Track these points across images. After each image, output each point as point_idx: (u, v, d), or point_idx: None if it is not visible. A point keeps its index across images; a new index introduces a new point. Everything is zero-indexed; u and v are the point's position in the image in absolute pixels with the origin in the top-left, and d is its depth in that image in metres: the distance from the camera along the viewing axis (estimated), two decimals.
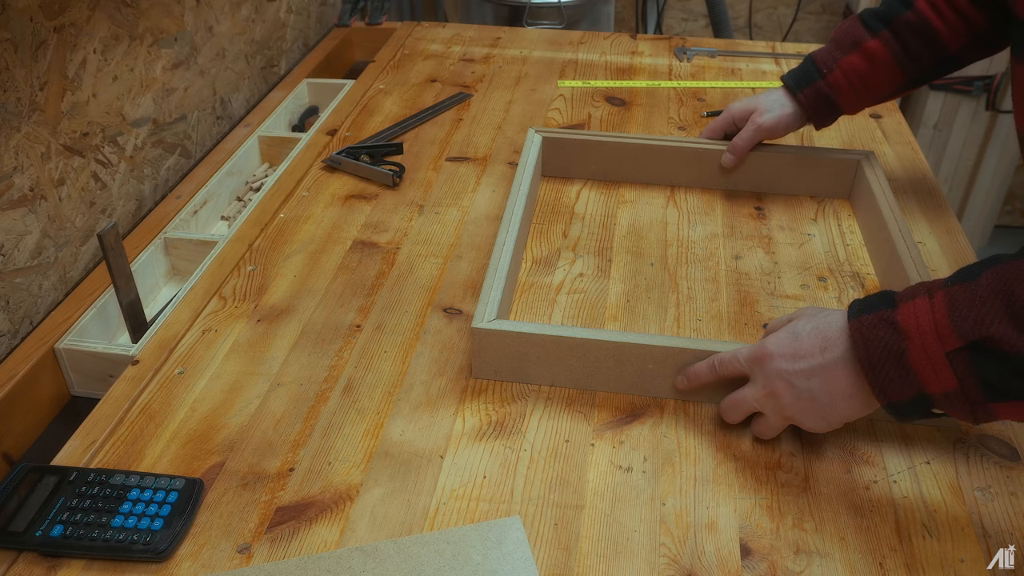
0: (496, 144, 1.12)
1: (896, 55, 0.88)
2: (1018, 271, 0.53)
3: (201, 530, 0.61)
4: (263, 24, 1.31)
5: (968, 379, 0.55)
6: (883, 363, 0.57)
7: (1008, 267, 0.54)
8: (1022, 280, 0.53)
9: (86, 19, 0.89)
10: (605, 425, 0.70)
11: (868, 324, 0.58)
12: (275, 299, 0.84)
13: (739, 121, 0.99)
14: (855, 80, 0.91)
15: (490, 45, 1.44)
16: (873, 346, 0.58)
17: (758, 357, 0.64)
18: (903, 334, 0.56)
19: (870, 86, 0.91)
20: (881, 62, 0.89)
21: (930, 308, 0.56)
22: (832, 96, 0.92)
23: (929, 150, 2.17)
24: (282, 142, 1.16)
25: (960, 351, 0.54)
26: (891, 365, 0.57)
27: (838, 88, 0.92)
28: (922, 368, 0.56)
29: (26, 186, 0.82)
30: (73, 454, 0.67)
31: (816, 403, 0.62)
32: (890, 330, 0.57)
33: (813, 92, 0.93)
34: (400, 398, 0.73)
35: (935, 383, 0.56)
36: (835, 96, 0.92)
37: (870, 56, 0.89)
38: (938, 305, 0.56)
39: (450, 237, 0.93)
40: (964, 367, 0.54)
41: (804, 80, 0.94)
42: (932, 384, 0.56)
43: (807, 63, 0.94)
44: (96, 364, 0.80)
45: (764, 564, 0.59)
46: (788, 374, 0.62)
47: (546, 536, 0.61)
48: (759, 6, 2.41)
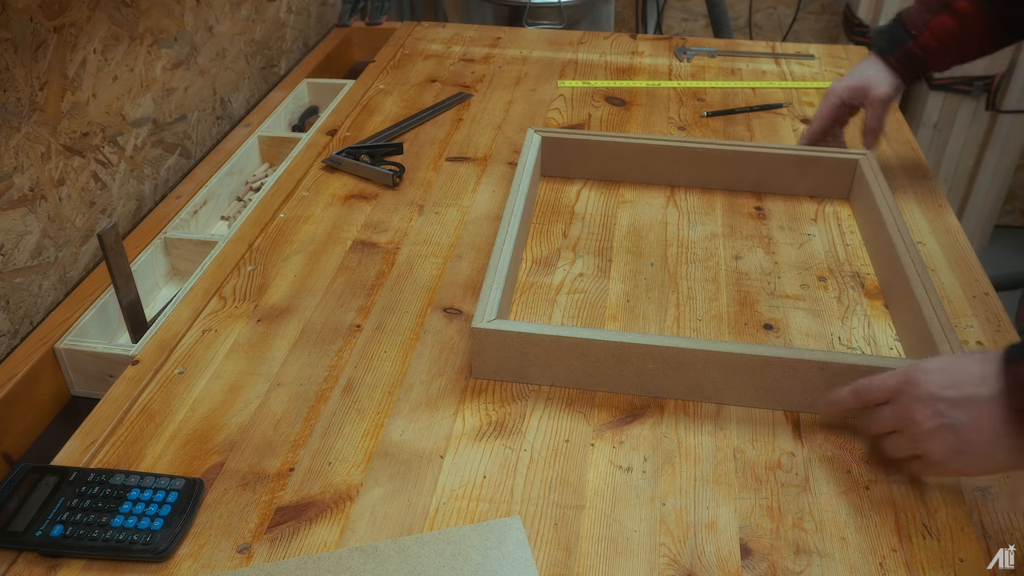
0: (496, 144, 1.12)
1: (987, 15, 0.89)
2: None
3: (201, 530, 0.61)
4: (263, 24, 1.31)
5: None
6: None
7: None
8: None
9: (86, 19, 0.89)
10: (605, 425, 0.70)
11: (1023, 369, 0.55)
12: (275, 299, 0.84)
13: (851, 100, 0.99)
14: (946, 40, 0.92)
15: (490, 45, 1.44)
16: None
17: (908, 378, 0.60)
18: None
19: (961, 45, 0.92)
20: (973, 22, 0.90)
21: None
22: (923, 56, 0.94)
23: (929, 150, 2.17)
24: (282, 142, 1.16)
25: None
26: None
27: (929, 49, 0.93)
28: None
29: (26, 186, 0.82)
30: (73, 454, 0.67)
31: (957, 437, 0.57)
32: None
33: (905, 54, 0.95)
34: (400, 398, 0.73)
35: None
36: (926, 56, 0.94)
37: (961, 16, 0.90)
38: None
39: (450, 237, 0.93)
40: None
41: (894, 42, 0.95)
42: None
43: (895, 25, 0.96)
44: (96, 364, 0.80)
45: (764, 564, 0.59)
46: (935, 399, 0.58)
47: (546, 536, 0.61)
48: (759, 6, 2.41)
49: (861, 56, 1.39)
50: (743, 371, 0.70)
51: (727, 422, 0.70)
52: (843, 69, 1.34)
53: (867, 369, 0.68)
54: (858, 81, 0.98)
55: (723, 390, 0.71)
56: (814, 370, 0.69)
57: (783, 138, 1.14)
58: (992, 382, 0.56)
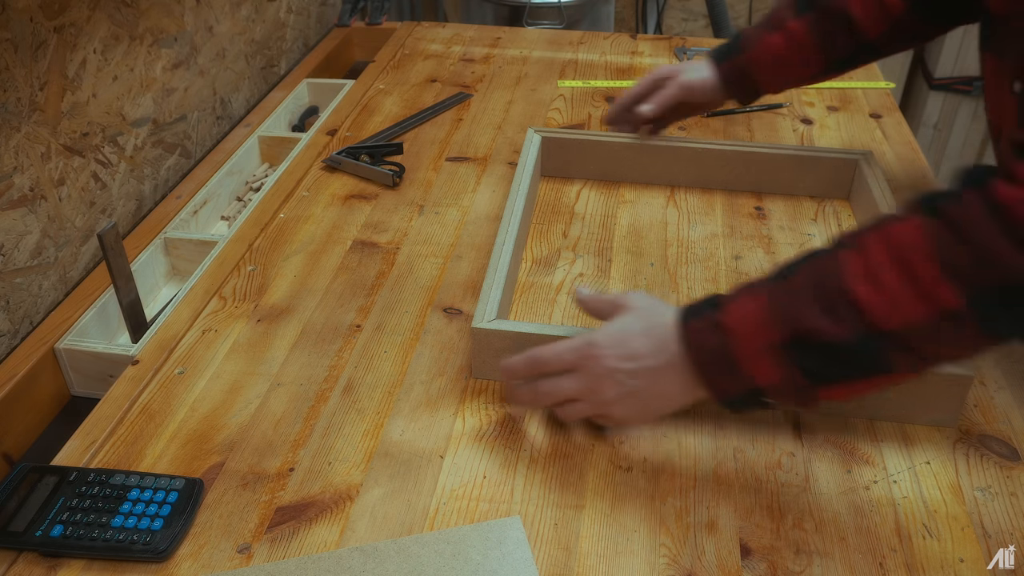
0: (496, 144, 1.12)
1: (816, 38, 0.89)
2: (828, 265, 0.57)
3: (201, 530, 0.61)
4: (263, 24, 1.31)
5: (792, 370, 0.57)
6: (714, 364, 0.60)
7: (819, 262, 0.58)
8: (831, 274, 0.56)
9: (86, 19, 0.89)
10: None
11: (697, 328, 0.61)
12: (275, 299, 0.84)
13: (661, 82, 0.98)
14: (774, 59, 0.91)
15: (490, 45, 1.44)
16: (703, 348, 0.60)
17: (587, 354, 0.64)
18: (730, 334, 0.59)
19: (790, 66, 0.92)
20: (801, 44, 0.89)
21: (754, 307, 0.59)
22: (751, 72, 0.93)
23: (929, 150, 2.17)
24: (282, 142, 1.16)
25: (781, 344, 0.57)
26: (722, 365, 0.59)
27: (757, 65, 0.92)
28: (750, 364, 0.58)
29: (26, 186, 0.82)
30: (73, 454, 0.67)
31: (637, 400, 0.63)
32: (718, 332, 0.59)
33: (733, 66, 0.94)
34: (400, 398, 0.73)
35: (763, 377, 0.58)
36: (754, 73, 0.93)
37: (792, 37, 0.90)
38: (760, 304, 0.58)
39: (450, 237, 0.93)
40: (787, 359, 0.57)
41: (727, 54, 0.95)
42: (761, 378, 0.58)
43: (735, 38, 0.95)
44: (96, 364, 0.80)
45: (764, 564, 0.59)
46: (617, 372, 0.63)
47: (546, 536, 0.61)
48: (759, 6, 2.41)
49: None
50: None
51: (727, 422, 0.70)
52: None
53: None
54: (677, 67, 0.97)
55: None
56: None
57: (783, 138, 1.14)
58: (666, 350, 0.62)
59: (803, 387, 0.58)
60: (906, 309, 0.54)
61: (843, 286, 0.55)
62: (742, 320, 0.59)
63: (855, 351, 0.55)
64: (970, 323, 0.53)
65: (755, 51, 0.92)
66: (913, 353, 0.55)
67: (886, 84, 1.29)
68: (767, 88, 0.94)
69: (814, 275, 0.57)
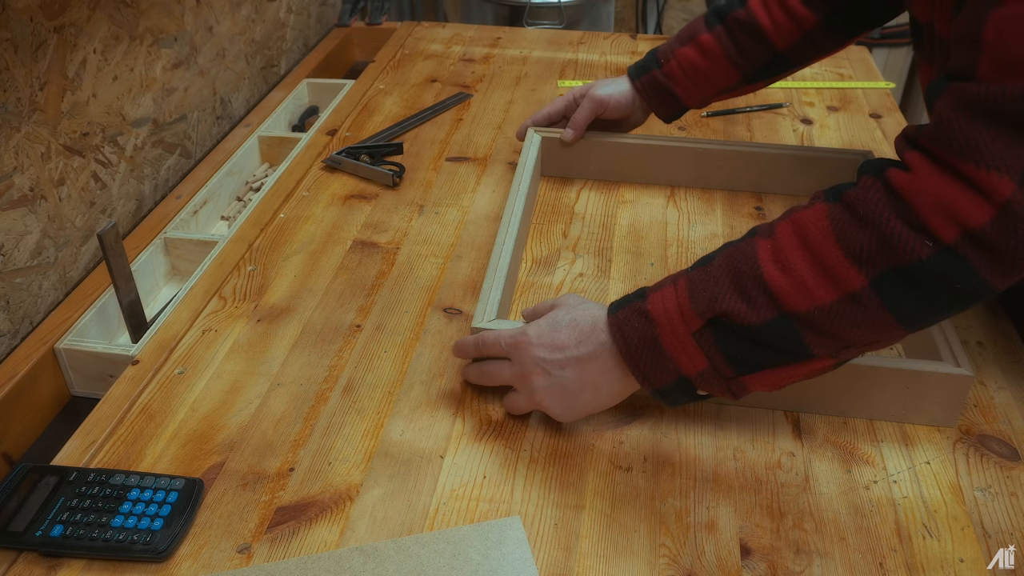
0: (496, 144, 1.12)
1: (726, 49, 0.90)
2: (743, 252, 0.59)
3: (201, 530, 0.61)
4: (263, 24, 1.31)
5: (715, 356, 0.59)
6: (641, 352, 0.61)
7: (735, 249, 0.60)
8: (745, 259, 0.58)
9: (86, 19, 0.89)
10: (605, 425, 0.70)
11: (623, 317, 0.62)
12: (275, 299, 0.84)
13: (579, 99, 1.00)
14: (689, 71, 0.93)
15: (490, 45, 1.44)
16: (630, 337, 0.61)
17: (518, 343, 0.66)
18: (653, 322, 0.60)
19: (705, 78, 0.93)
20: (713, 56, 0.91)
21: (674, 294, 0.60)
22: (668, 85, 0.95)
23: None
24: (282, 142, 1.16)
25: (703, 330, 0.58)
26: (648, 353, 0.61)
27: (673, 78, 0.94)
28: (674, 351, 0.60)
29: (26, 186, 0.82)
30: (73, 454, 0.67)
31: (565, 392, 0.65)
32: (642, 320, 0.61)
33: (649, 80, 0.96)
34: (400, 398, 0.73)
35: (689, 364, 0.60)
36: (671, 85, 0.94)
37: (703, 49, 0.91)
38: (680, 290, 0.60)
39: (450, 237, 0.93)
40: (709, 345, 0.59)
41: (643, 69, 0.97)
42: (687, 366, 0.60)
43: (649, 54, 0.97)
44: (96, 364, 0.80)
45: (764, 564, 0.59)
46: (544, 362, 0.65)
47: (546, 536, 0.61)
48: None
49: (861, 56, 1.39)
50: None
51: (727, 422, 0.70)
52: (843, 69, 1.34)
53: (867, 369, 0.68)
54: (592, 84, 0.99)
55: None
56: None
57: (783, 138, 1.14)
58: (591, 340, 0.64)
59: (728, 376, 0.59)
60: (814, 292, 0.55)
61: (756, 271, 0.57)
62: (663, 307, 0.60)
63: (772, 334, 0.57)
64: (876, 305, 0.54)
65: (669, 65, 0.94)
66: (829, 337, 0.56)
67: (886, 84, 1.30)
68: (688, 100, 0.96)
69: (730, 261, 0.59)
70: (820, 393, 0.70)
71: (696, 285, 0.60)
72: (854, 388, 0.69)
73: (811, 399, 0.71)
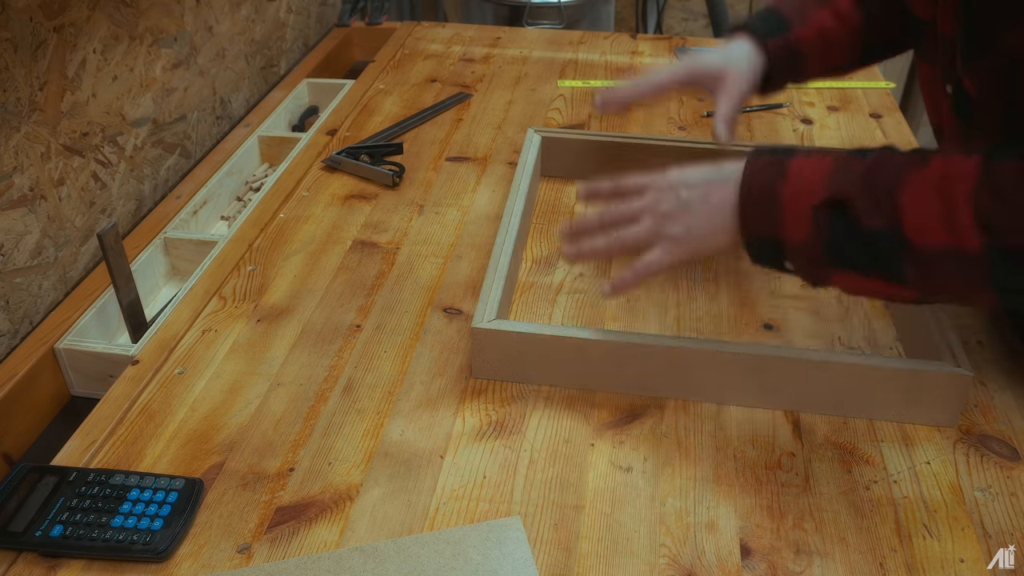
0: (496, 144, 1.12)
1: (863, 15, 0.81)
2: (894, 163, 0.59)
3: (201, 530, 0.61)
4: (263, 24, 1.31)
5: (820, 234, 0.59)
6: (759, 196, 0.62)
7: (889, 156, 0.60)
8: (893, 170, 0.58)
9: (86, 19, 0.89)
10: (605, 425, 0.70)
11: (763, 161, 0.63)
12: (275, 299, 0.84)
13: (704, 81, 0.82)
14: (821, 39, 0.81)
15: (490, 45, 1.44)
16: (756, 177, 0.62)
17: (661, 173, 0.68)
18: (785, 175, 0.61)
19: (832, 48, 0.82)
20: (849, 23, 0.81)
21: (818, 163, 0.61)
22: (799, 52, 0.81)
23: None
24: (282, 142, 1.16)
25: (823, 207, 0.59)
26: (764, 201, 0.61)
27: (805, 44, 0.81)
28: (788, 210, 0.60)
29: (26, 186, 0.82)
30: (73, 454, 0.67)
31: (690, 215, 0.65)
32: (777, 169, 0.62)
33: (785, 43, 0.81)
34: (400, 398, 0.73)
35: (792, 228, 0.60)
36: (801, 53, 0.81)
37: (840, 15, 0.81)
38: (825, 163, 0.61)
39: (450, 237, 0.93)
40: (821, 222, 0.59)
41: (775, 29, 0.81)
42: (791, 230, 0.60)
43: (770, 13, 0.82)
44: (96, 364, 0.80)
45: (764, 564, 0.59)
46: (677, 184, 0.66)
47: (546, 536, 0.61)
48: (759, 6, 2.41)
49: None
50: (743, 371, 0.70)
51: (727, 422, 0.70)
52: None
53: (868, 369, 0.68)
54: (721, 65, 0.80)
55: (723, 390, 0.71)
56: (814, 370, 0.69)
57: (783, 138, 1.14)
58: (727, 170, 0.64)
59: (820, 262, 0.60)
60: (933, 231, 0.56)
61: (895, 185, 0.57)
62: (801, 169, 0.61)
63: (877, 242, 0.58)
64: (982, 272, 0.56)
65: (804, 29, 0.81)
66: (927, 275, 0.58)
67: (886, 84, 1.29)
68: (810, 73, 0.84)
69: (878, 164, 0.59)
70: (820, 393, 0.70)
71: (839, 167, 0.60)
72: (854, 388, 0.69)
73: (811, 399, 0.71)
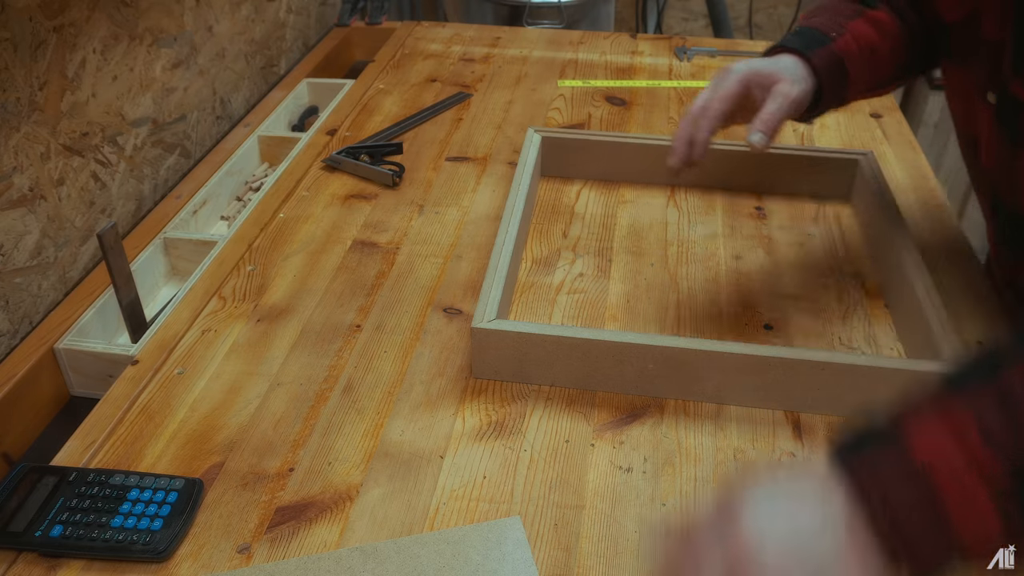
0: (496, 144, 1.12)
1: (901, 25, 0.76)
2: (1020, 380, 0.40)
3: (201, 530, 0.61)
4: (263, 24, 1.31)
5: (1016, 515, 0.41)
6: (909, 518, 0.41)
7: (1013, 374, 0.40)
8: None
9: (86, 19, 0.89)
10: (605, 425, 0.70)
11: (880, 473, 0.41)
12: (275, 299, 0.84)
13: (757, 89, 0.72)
14: (864, 48, 0.74)
15: (490, 45, 1.44)
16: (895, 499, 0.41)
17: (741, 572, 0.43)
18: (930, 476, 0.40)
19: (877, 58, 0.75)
20: (888, 31, 0.75)
21: (952, 432, 0.41)
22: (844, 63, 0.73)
23: (929, 150, 2.17)
24: (282, 142, 1.16)
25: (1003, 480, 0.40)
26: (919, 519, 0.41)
27: (849, 55, 0.73)
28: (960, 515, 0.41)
29: (26, 186, 0.82)
30: (73, 454, 0.67)
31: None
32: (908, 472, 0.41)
33: (828, 55, 0.73)
34: (400, 398, 0.73)
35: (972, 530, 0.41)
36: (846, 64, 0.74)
37: (877, 23, 0.74)
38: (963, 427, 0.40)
39: (450, 237, 0.93)
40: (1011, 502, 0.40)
41: (815, 42, 0.73)
42: (968, 531, 0.41)
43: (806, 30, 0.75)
44: (96, 364, 0.80)
45: None
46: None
47: (546, 536, 0.61)
48: (759, 6, 2.41)
49: None
50: (743, 371, 0.70)
51: (727, 422, 0.70)
52: None
53: (868, 369, 0.68)
54: (771, 69, 0.72)
55: (723, 390, 0.71)
56: (814, 370, 0.69)
57: (783, 138, 1.14)
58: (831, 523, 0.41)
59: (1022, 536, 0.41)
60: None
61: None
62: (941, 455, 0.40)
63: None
64: None
65: (845, 38, 0.73)
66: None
67: None
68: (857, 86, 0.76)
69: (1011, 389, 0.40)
70: (820, 393, 0.70)
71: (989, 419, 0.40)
72: (854, 388, 0.69)
73: (811, 399, 0.71)
